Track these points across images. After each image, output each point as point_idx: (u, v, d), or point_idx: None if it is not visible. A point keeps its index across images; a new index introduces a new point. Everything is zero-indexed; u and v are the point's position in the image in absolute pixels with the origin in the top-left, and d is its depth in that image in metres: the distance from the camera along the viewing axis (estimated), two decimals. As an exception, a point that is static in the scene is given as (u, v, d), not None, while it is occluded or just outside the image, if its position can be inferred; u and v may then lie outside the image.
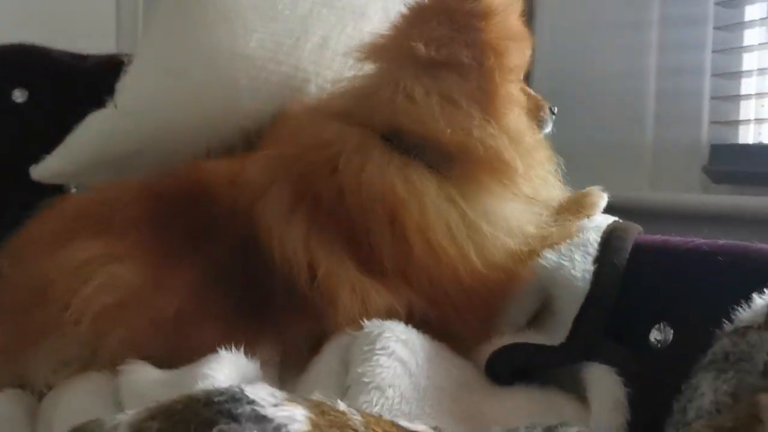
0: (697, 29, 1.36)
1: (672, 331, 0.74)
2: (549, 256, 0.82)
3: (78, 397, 0.75)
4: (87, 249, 0.86)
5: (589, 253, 0.82)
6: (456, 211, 0.84)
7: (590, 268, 0.80)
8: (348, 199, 0.83)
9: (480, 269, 0.83)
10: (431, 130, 0.84)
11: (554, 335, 0.78)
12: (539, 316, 0.84)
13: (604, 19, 1.52)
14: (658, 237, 0.87)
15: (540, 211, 0.90)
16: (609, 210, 0.99)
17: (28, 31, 1.34)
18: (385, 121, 0.87)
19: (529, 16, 1.59)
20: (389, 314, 0.79)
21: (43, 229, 0.93)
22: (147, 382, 0.72)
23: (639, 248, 0.84)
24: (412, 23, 0.92)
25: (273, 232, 0.83)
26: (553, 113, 1.01)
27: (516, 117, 0.89)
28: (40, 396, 0.82)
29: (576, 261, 0.80)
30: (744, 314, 0.62)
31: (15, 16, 1.68)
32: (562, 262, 0.81)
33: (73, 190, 1.18)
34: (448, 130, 0.83)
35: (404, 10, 0.94)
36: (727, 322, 0.64)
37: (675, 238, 0.84)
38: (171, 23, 1.09)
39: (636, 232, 0.87)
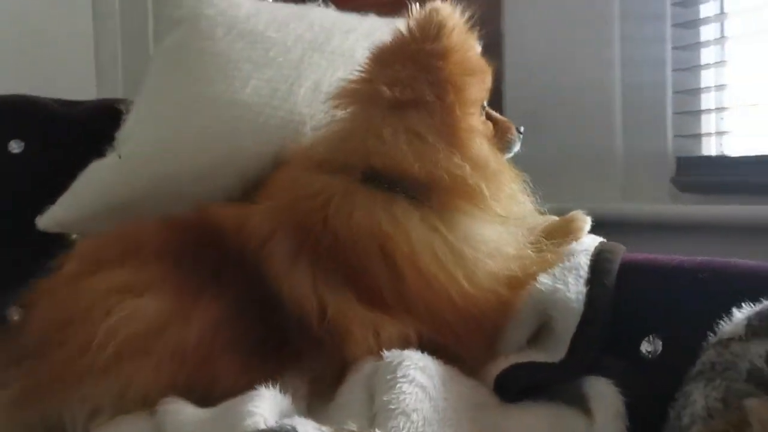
0: (656, 49, 1.46)
1: (660, 343, 0.82)
2: (544, 281, 0.89)
3: (121, 441, 0.79)
4: (109, 279, 0.90)
5: (581, 276, 0.89)
6: (440, 238, 0.91)
7: (583, 289, 0.87)
8: (343, 244, 0.89)
9: (469, 291, 0.89)
10: (402, 166, 0.91)
11: (554, 353, 0.85)
12: (539, 335, 0.91)
13: (569, 41, 1.60)
14: (642, 255, 0.94)
15: (515, 229, 0.96)
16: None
17: (6, 81, 1.38)
18: (362, 163, 0.93)
19: (498, 38, 1.67)
20: (402, 342, 0.86)
21: (62, 271, 0.97)
22: (191, 422, 0.76)
23: (626, 267, 0.91)
24: (378, 66, 0.98)
25: (281, 280, 0.89)
26: (520, 133, 1.07)
27: (479, 145, 0.95)
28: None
29: (570, 284, 0.88)
30: (726, 327, 0.70)
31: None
32: (557, 285, 0.88)
33: (74, 237, 1.22)
34: (416, 165, 0.90)
35: (369, 53, 1.01)
36: (711, 333, 0.72)
37: (659, 257, 0.92)
38: (170, 76, 1.14)
39: (621, 251, 0.95)
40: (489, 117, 1.04)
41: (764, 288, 0.72)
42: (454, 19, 0.97)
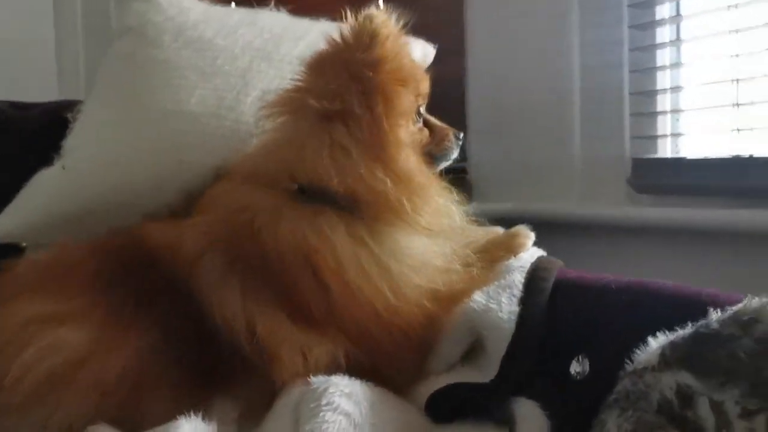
0: (613, 52, 1.46)
1: (588, 363, 0.83)
2: (478, 299, 0.90)
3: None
4: (29, 308, 0.87)
5: (514, 295, 0.90)
6: (366, 251, 0.90)
7: (516, 309, 0.88)
8: (271, 258, 0.88)
9: (394, 304, 0.89)
10: (323, 179, 0.90)
11: (486, 372, 0.86)
12: (472, 351, 0.92)
13: (530, 46, 1.61)
14: (574, 273, 0.95)
15: (444, 242, 0.95)
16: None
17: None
18: (287, 176, 0.92)
19: (461, 44, 1.67)
20: (331, 363, 0.86)
21: None
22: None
23: (559, 285, 0.92)
24: (311, 75, 0.97)
25: (211, 299, 0.87)
26: (458, 139, 1.06)
27: (404, 158, 0.94)
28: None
29: (503, 303, 0.88)
30: (641, 356, 0.71)
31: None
32: (490, 305, 0.89)
33: (24, 244, 1.20)
34: (336, 180, 0.89)
35: (303, 63, 1.00)
36: (628, 361, 0.73)
37: (589, 275, 0.93)
38: (115, 85, 1.13)
39: (556, 268, 0.95)
40: (426, 123, 1.03)
41: (684, 314, 0.73)
42: (389, 27, 0.95)
